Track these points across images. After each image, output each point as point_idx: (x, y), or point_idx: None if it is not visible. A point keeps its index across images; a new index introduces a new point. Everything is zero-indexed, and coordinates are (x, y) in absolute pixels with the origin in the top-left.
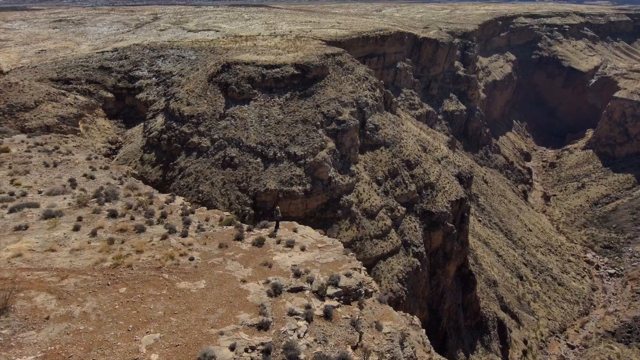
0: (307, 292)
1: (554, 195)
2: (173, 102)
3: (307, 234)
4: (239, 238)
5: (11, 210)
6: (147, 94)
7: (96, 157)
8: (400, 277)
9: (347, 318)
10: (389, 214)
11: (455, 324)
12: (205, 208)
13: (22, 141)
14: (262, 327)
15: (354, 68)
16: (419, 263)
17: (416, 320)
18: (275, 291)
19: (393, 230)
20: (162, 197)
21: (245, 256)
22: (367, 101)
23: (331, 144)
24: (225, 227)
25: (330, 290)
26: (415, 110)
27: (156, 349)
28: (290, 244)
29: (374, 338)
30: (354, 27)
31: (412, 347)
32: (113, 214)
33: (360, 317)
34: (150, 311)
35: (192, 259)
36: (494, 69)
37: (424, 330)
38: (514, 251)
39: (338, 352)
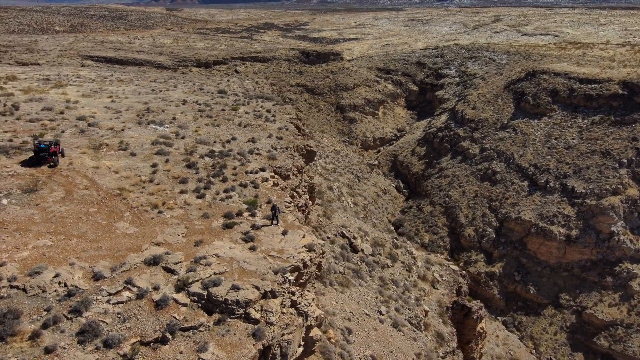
0: (175, 277)
1: None
2: (460, 104)
3: (291, 240)
4: (226, 216)
5: (153, 143)
6: (445, 92)
7: (287, 129)
8: None
9: (173, 318)
10: None
11: None
12: (270, 184)
13: (260, 105)
14: (96, 277)
15: None
16: None
17: None
18: (151, 262)
19: None
20: (251, 167)
21: (199, 230)
22: None
23: (633, 192)
24: (243, 204)
25: (194, 288)
26: None
27: (32, 250)
28: (249, 239)
29: (178, 349)
30: None
31: None
32: (189, 165)
33: (197, 327)
34: (75, 228)
35: (161, 212)
36: None
37: None
38: None
39: (106, 334)
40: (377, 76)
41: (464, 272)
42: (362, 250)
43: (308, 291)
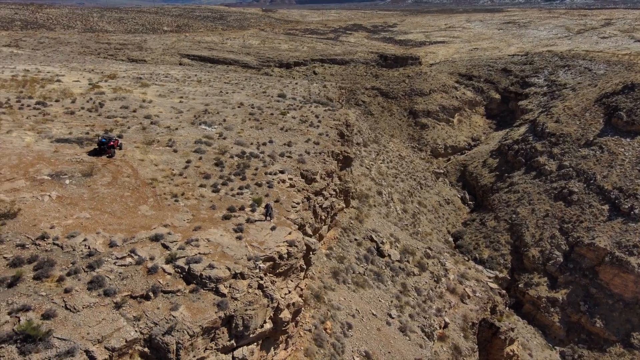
0: (167, 252)
1: None
2: (542, 116)
3: (276, 235)
4: (229, 209)
5: (196, 142)
6: (529, 102)
7: (327, 135)
8: None
9: (158, 282)
10: None
11: None
12: (287, 185)
13: (311, 111)
14: (111, 244)
15: None
16: None
17: None
18: (154, 239)
19: None
20: (273, 168)
21: (202, 218)
22: None
23: None
24: (252, 201)
25: (179, 262)
26: None
27: (75, 220)
28: (239, 229)
29: (148, 307)
30: None
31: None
32: (217, 163)
33: (175, 292)
34: (109, 207)
35: (177, 200)
36: None
37: None
38: None
39: (108, 286)
40: (457, 82)
41: (503, 291)
42: (389, 255)
43: (292, 280)
